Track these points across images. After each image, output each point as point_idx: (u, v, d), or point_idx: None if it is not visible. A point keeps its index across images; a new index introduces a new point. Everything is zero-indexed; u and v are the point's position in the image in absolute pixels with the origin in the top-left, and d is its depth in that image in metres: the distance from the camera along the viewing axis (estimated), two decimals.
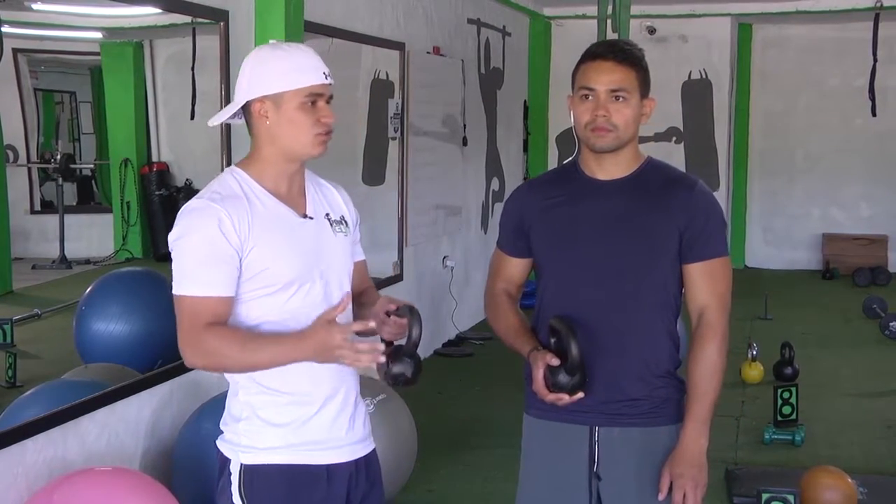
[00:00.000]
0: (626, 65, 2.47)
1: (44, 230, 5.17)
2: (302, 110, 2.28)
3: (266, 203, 2.29)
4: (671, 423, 2.56)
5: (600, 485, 2.55)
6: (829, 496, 4.40)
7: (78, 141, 5.62)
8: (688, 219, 2.49)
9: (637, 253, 2.49)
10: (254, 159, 2.34)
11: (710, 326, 2.51)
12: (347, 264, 2.43)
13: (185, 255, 2.22)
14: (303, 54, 2.31)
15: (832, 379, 6.94)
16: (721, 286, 2.54)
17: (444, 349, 7.64)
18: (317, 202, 2.40)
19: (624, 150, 2.52)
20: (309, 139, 2.30)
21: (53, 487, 3.18)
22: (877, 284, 10.49)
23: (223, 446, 2.36)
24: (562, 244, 2.56)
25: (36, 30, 4.62)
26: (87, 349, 4.26)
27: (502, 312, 2.66)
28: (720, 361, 2.52)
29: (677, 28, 10.42)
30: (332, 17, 5.72)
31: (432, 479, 4.90)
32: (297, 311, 2.28)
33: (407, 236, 6.99)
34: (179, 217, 2.26)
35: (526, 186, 2.76)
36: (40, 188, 5.16)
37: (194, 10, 4.43)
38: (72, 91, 5.56)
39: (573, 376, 2.37)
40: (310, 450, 2.32)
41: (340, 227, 2.42)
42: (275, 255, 2.25)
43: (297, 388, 2.30)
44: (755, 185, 11.72)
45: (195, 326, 2.20)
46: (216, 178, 2.35)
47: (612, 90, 2.45)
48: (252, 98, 2.28)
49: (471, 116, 8.31)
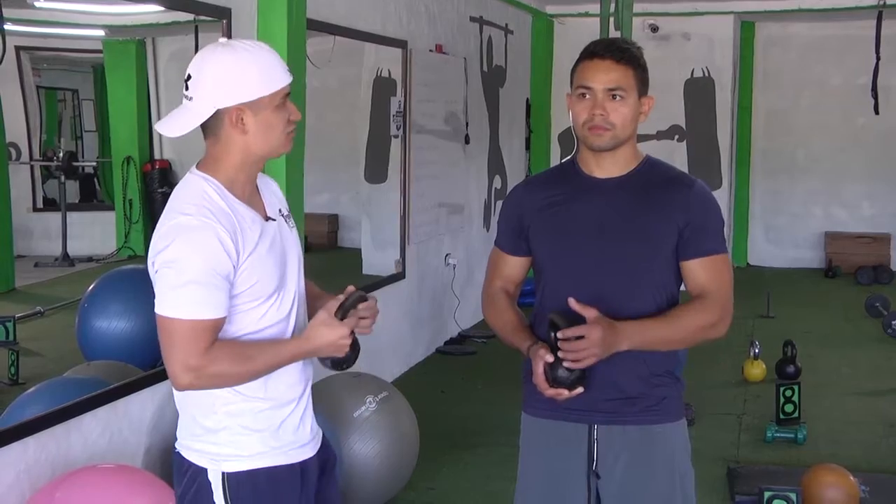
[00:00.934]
0: (624, 63, 2.47)
1: (46, 228, 5.18)
2: (277, 112, 2.22)
3: (243, 214, 2.22)
4: (670, 421, 2.56)
5: (599, 483, 2.55)
6: (831, 494, 4.40)
7: (80, 139, 5.63)
8: (686, 217, 2.49)
9: (635, 251, 2.49)
10: (221, 166, 2.24)
11: (712, 300, 2.49)
12: (302, 259, 2.40)
13: (185, 275, 2.11)
14: (268, 54, 2.23)
15: (834, 377, 6.93)
16: (721, 281, 2.53)
17: (446, 347, 7.64)
18: (270, 200, 2.36)
19: (622, 148, 2.53)
20: (282, 139, 2.27)
21: (56, 485, 3.19)
22: (879, 283, 10.48)
23: (193, 457, 2.30)
24: (560, 242, 2.56)
25: (39, 28, 4.63)
26: (89, 346, 4.27)
27: (500, 309, 2.67)
28: (700, 327, 2.48)
29: (680, 26, 10.41)
30: (334, 14, 5.72)
31: (434, 477, 4.91)
32: (272, 319, 2.27)
33: (409, 234, 6.99)
34: (171, 234, 2.14)
35: (524, 185, 2.76)
36: (43, 186, 5.17)
37: (197, 8, 4.43)
38: (74, 89, 5.57)
39: (573, 371, 2.37)
40: (287, 450, 2.34)
41: (290, 221, 2.40)
42: (262, 267, 2.22)
43: (276, 393, 2.31)
44: (757, 183, 11.71)
45: (198, 350, 2.13)
46: (189, 186, 2.24)
47: (609, 89, 2.46)
48: (225, 106, 2.18)
49: (473, 114, 8.30)
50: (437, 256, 7.67)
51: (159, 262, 2.15)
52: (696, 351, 2.66)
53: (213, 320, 2.14)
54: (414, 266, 7.12)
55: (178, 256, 2.12)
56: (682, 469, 2.61)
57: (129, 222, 5.25)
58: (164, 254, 2.14)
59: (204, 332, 2.13)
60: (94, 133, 5.57)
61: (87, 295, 4.33)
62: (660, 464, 2.54)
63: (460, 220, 8.12)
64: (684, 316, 2.48)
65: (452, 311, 7.78)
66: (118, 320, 4.22)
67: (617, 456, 2.53)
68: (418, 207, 7.13)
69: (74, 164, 5.29)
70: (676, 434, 2.59)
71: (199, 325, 2.13)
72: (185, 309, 2.12)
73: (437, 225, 7.62)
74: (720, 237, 2.55)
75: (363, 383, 4.35)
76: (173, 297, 2.13)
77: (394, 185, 6.95)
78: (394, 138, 6.91)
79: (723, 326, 2.51)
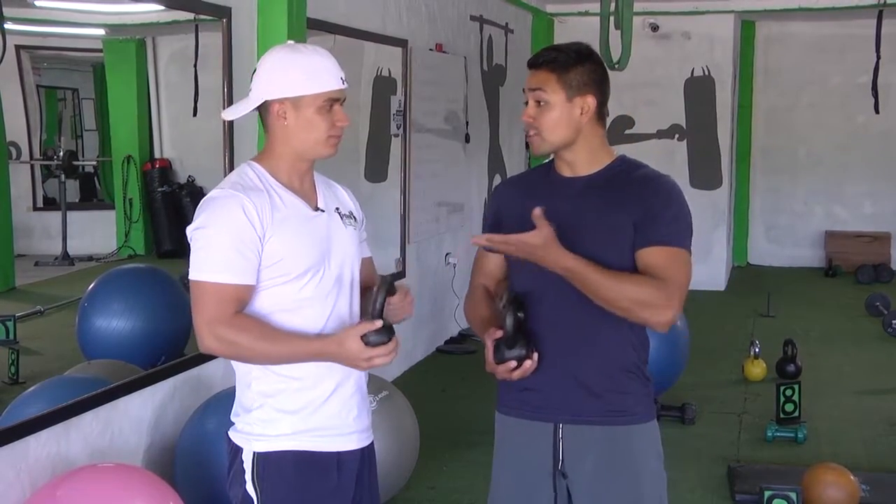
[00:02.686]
0: (545, 69, 2.50)
1: (46, 227, 5.17)
2: (319, 114, 2.35)
3: (282, 196, 2.36)
4: (637, 422, 2.53)
5: (568, 482, 2.54)
6: (831, 493, 4.40)
7: (80, 138, 5.62)
8: (642, 207, 2.46)
9: (598, 248, 2.46)
10: (268, 155, 2.42)
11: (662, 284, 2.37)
12: (356, 254, 2.51)
13: (211, 242, 2.27)
14: (321, 59, 2.38)
15: (835, 376, 6.93)
16: (675, 272, 2.41)
17: (446, 346, 7.65)
18: (327, 197, 2.49)
19: (580, 149, 2.53)
20: (322, 141, 2.38)
21: (56, 484, 3.18)
22: (880, 282, 10.49)
23: (235, 436, 2.40)
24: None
25: (39, 26, 4.62)
26: (89, 346, 4.27)
27: (475, 305, 2.68)
28: (637, 300, 2.36)
29: (680, 25, 10.40)
30: (334, 13, 5.71)
31: (434, 476, 4.91)
32: (309, 299, 2.35)
33: (409, 233, 6.99)
34: (202, 206, 2.32)
35: (505, 183, 2.84)
36: (43, 185, 5.16)
37: (197, 7, 4.43)
38: (74, 88, 5.56)
39: (512, 348, 2.39)
40: (319, 436, 2.36)
41: (350, 221, 2.51)
42: (291, 245, 2.32)
43: (309, 372, 2.35)
44: (758, 182, 11.72)
45: (219, 313, 2.25)
46: (235, 171, 2.43)
47: (534, 97, 2.52)
48: (271, 98, 2.35)
49: (473, 113, 8.30)
50: (438, 255, 7.67)
51: (190, 232, 2.31)
52: (696, 350, 2.66)
53: (234, 286, 2.26)
54: (414, 265, 7.12)
55: (203, 224, 2.29)
56: (651, 472, 2.56)
57: (129, 221, 5.24)
58: (194, 223, 2.31)
59: (227, 295, 2.25)
60: (95, 132, 5.56)
61: (88, 294, 4.33)
62: (626, 467, 2.51)
63: (460, 219, 8.12)
64: (629, 280, 2.39)
65: (452, 310, 7.78)
66: (118, 319, 4.21)
67: (583, 456, 2.51)
68: (418, 206, 7.13)
69: (74, 163, 5.28)
70: (644, 436, 2.54)
71: (221, 289, 2.25)
72: (208, 273, 2.26)
73: (438, 224, 7.62)
74: (679, 230, 2.46)
75: None
76: (197, 262, 2.28)
77: (394, 184, 6.95)
78: (394, 137, 6.91)
79: (663, 314, 2.37)
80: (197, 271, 2.27)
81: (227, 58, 4.46)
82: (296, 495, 2.33)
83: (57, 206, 5.17)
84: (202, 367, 4.26)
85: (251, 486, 2.34)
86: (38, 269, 4.95)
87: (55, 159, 5.22)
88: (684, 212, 2.51)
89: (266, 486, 2.33)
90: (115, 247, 5.25)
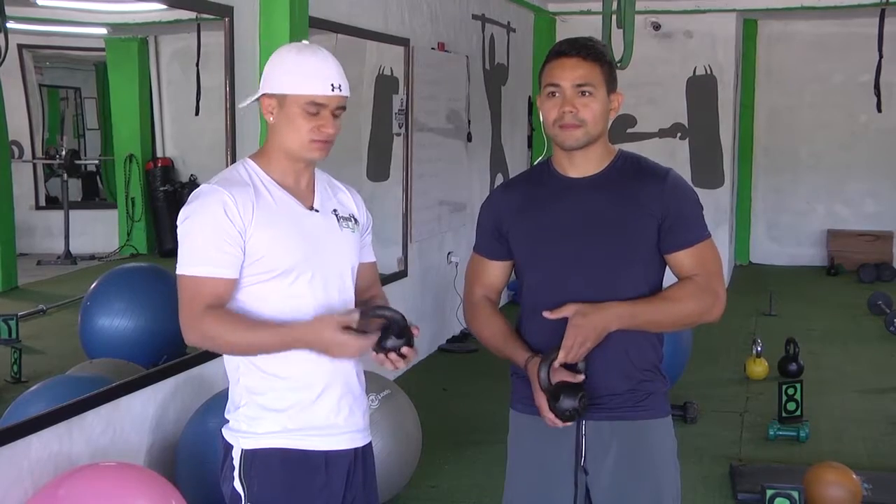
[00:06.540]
0: (591, 60, 2.48)
1: (48, 226, 5.17)
2: (302, 116, 2.33)
3: (272, 192, 2.36)
4: (657, 416, 2.56)
5: (588, 479, 2.55)
6: (833, 492, 4.40)
7: (83, 137, 5.62)
8: (663, 208, 2.48)
9: (613, 248, 2.48)
10: (263, 152, 2.44)
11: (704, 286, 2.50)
12: (352, 258, 2.47)
13: (190, 235, 2.29)
14: (317, 61, 2.35)
15: (837, 375, 6.93)
16: (710, 266, 2.53)
17: (447, 345, 7.64)
18: (326, 198, 2.46)
19: (594, 146, 2.52)
20: (304, 143, 2.35)
21: (58, 483, 3.19)
22: (882, 281, 10.48)
23: (226, 433, 2.41)
24: (539, 244, 2.56)
25: (41, 26, 4.63)
26: (91, 345, 4.27)
27: (486, 319, 2.65)
28: (694, 313, 2.52)
29: (682, 24, 10.39)
30: (336, 12, 5.72)
31: (436, 474, 4.91)
32: (294, 299, 2.33)
33: (411, 232, 6.99)
34: (188, 201, 2.34)
35: (501, 189, 2.78)
36: (45, 184, 5.16)
37: (199, 6, 4.44)
38: (76, 87, 5.56)
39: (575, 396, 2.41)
40: (307, 435, 2.35)
41: (348, 224, 2.47)
42: (274, 243, 2.31)
43: (297, 372, 2.34)
44: (760, 181, 11.71)
45: (195, 306, 2.26)
46: (227, 167, 2.46)
47: (577, 85, 2.46)
48: (264, 92, 2.37)
49: (475, 112, 8.30)
50: (440, 254, 7.67)
51: (178, 227, 2.33)
52: (698, 349, 2.68)
53: (212, 279, 2.26)
54: (416, 264, 7.12)
55: (184, 217, 2.31)
56: (669, 464, 2.61)
57: (131, 220, 5.24)
58: (179, 218, 2.33)
59: (204, 288, 2.26)
60: (97, 131, 5.56)
61: (90, 293, 4.33)
62: (648, 459, 2.54)
63: (462, 218, 8.12)
64: (677, 301, 2.49)
65: (454, 309, 7.78)
66: (120, 318, 4.22)
67: (606, 451, 2.53)
68: (420, 205, 7.13)
69: (77, 162, 5.28)
70: (663, 430, 2.59)
71: (199, 282, 2.26)
72: (186, 266, 2.29)
73: (440, 223, 7.62)
74: (700, 222, 2.55)
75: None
76: (180, 255, 2.30)
77: (396, 183, 6.95)
78: (396, 136, 6.91)
79: (716, 311, 2.52)
80: (178, 265, 2.30)
81: (229, 57, 4.47)
82: (282, 493, 2.33)
83: (59, 205, 5.17)
84: (204, 367, 4.27)
85: (238, 483, 2.34)
86: (40, 269, 4.96)
87: (57, 158, 5.22)
88: (697, 201, 2.57)
89: (253, 483, 2.33)
90: (117, 246, 5.26)
